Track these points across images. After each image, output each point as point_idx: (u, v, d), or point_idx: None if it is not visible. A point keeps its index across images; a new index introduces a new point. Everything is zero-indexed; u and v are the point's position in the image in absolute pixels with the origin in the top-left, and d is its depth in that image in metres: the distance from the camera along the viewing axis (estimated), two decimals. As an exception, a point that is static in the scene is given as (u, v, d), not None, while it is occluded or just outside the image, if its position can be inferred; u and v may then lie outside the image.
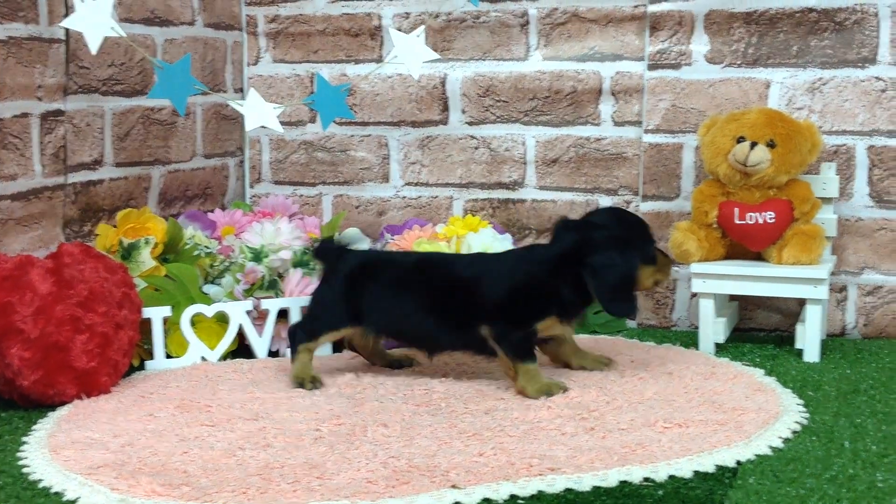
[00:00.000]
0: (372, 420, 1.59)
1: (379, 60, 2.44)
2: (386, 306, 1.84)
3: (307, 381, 1.80)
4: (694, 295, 2.06)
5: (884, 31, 2.12)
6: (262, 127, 2.06)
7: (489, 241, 2.27)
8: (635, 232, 1.82)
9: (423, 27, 2.15)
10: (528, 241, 2.41)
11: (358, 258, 1.92)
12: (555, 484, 1.33)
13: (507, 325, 1.75)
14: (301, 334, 1.86)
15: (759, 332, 2.23)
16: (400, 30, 2.39)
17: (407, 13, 2.43)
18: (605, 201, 2.35)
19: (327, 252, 1.93)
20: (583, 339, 1.98)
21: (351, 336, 1.94)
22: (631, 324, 2.35)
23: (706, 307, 2.05)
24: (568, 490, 1.32)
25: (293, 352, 1.85)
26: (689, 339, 2.12)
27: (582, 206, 2.36)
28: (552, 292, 1.77)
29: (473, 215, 2.40)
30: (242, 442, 1.49)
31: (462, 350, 1.85)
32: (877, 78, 2.13)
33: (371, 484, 1.33)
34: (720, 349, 2.05)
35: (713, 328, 2.04)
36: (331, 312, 1.87)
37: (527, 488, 1.32)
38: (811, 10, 2.15)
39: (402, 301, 1.83)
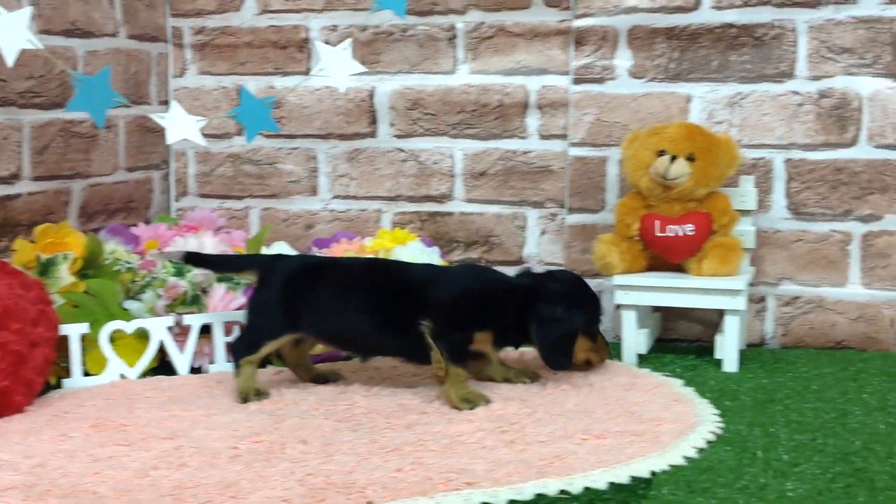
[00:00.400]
0: (292, 437, 1.58)
1: (307, 73, 2.43)
2: (325, 309, 1.83)
3: (251, 395, 1.79)
4: (618, 306, 2.09)
5: (801, 46, 2.17)
6: (185, 140, 2.03)
7: (417, 254, 2.27)
8: (587, 302, 1.89)
9: (349, 40, 2.15)
10: (457, 254, 2.42)
11: (294, 263, 1.91)
12: (471, 498, 1.34)
13: (449, 325, 1.77)
14: (241, 348, 1.85)
15: (682, 342, 2.26)
16: (328, 42, 2.39)
17: (335, 26, 2.43)
18: (533, 214, 2.37)
19: (259, 261, 1.96)
20: (509, 353, 1.99)
21: (283, 345, 1.91)
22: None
23: (628, 319, 2.07)
24: (483, 504, 1.33)
25: (235, 367, 1.84)
26: (613, 350, 2.14)
27: (509, 219, 2.38)
28: (498, 310, 1.80)
29: (402, 228, 2.40)
30: (157, 461, 1.47)
31: (398, 355, 1.86)
32: (794, 92, 2.18)
33: (286, 502, 1.32)
34: (643, 360, 2.07)
35: (635, 339, 2.06)
36: (269, 320, 1.85)
37: (443, 503, 1.32)
38: (731, 25, 2.20)
39: (343, 303, 1.83)
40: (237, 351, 1.85)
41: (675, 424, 1.62)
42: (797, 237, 2.20)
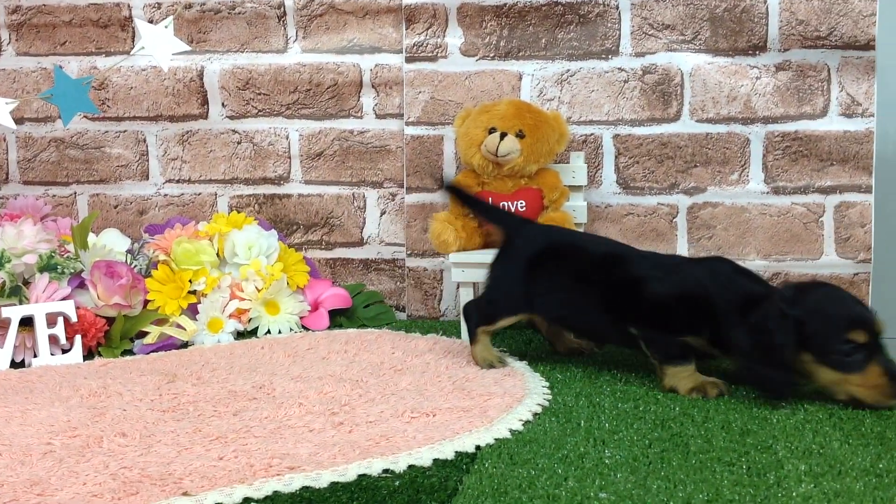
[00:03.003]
0: (111, 430, 1.52)
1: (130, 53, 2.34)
2: (559, 295, 1.78)
3: (496, 362, 1.83)
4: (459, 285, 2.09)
5: (625, 24, 2.22)
6: (-4, 124, 1.93)
7: (254, 237, 2.22)
8: (818, 317, 1.56)
9: (171, 18, 2.08)
10: (297, 236, 2.38)
11: (540, 239, 1.83)
12: (291, 483, 1.31)
13: (654, 328, 1.68)
14: (478, 318, 1.85)
15: (520, 317, 2.29)
16: (152, 21, 2.31)
17: (158, 3, 2.34)
18: (372, 194, 2.35)
19: (508, 222, 1.90)
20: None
21: (531, 318, 1.89)
22: (401, 315, 2.37)
23: (466, 296, 2.08)
24: (304, 488, 1.30)
25: (471, 334, 1.85)
26: (456, 328, 2.16)
27: (349, 200, 2.35)
28: (716, 314, 1.64)
29: (239, 212, 2.34)
30: (-40, 463, 1.39)
31: (626, 345, 1.78)
32: (619, 69, 2.23)
33: (96, 497, 1.26)
34: (480, 336, 2.08)
35: (473, 316, 2.07)
36: (510, 296, 1.82)
37: (262, 490, 1.29)
38: (557, 3, 2.23)
39: (575, 291, 1.77)
40: (472, 320, 1.85)
41: (503, 398, 1.64)
42: (627, 211, 2.25)
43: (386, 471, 1.36)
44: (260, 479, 1.31)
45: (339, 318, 2.25)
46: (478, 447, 1.44)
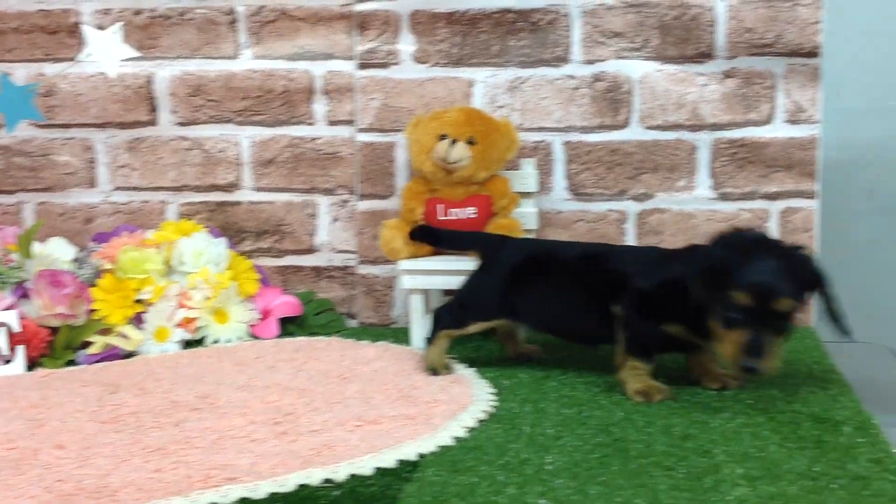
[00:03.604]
0: (49, 442, 1.50)
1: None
2: (543, 302, 1.80)
3: (441, 369, 1.82)
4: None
5: (575, 31, 2.23)
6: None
7: (203, 245, 2.20)
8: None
9: (119, 24, 2.06)
10: (247, 244, 2.36)
11: (521, 251, 1.85)
12: (230, 494, 1.30)
13: (634, 315, 1.69)
14: (447, 319, 1.84)
15: (472, 324, 2.29)
16: (101, 27, 2.28)
17: (107, 10, 2.32)
18: (324, 201, 2.34)
19: (486, 242, 1.91)
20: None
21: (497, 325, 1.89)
22: (352, 323, 2.36)
23: (416, 303, 2.08)
24: (243, 499, 1.29)
25: (433, 336, 1.84)
26: (407, 335, 2.15)
27: (300, 207, 2.34)
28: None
29: (188, 219, 2.32)
30: None
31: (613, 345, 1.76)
32: (570, 76, 2.23)
33: (28, 511, 1.25)
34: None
35: (424, 324, 2.07)
36: (485, 303, 1.83)
37: (199, 502, 1.28)
38: (508, 10, 2.23)
39: (560, 297, 1.79)
40: (441, 320, 1.83)
41: (449, 406, 1.63)
42: (578, 217, 2.26)
43: (327, 480, 1.35)
44: (197, 491, 1.30)
45: (289, 326, 2.23)
46: (421, 455, 1.43)
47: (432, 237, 2.02)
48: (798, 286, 1.55)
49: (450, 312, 1.87)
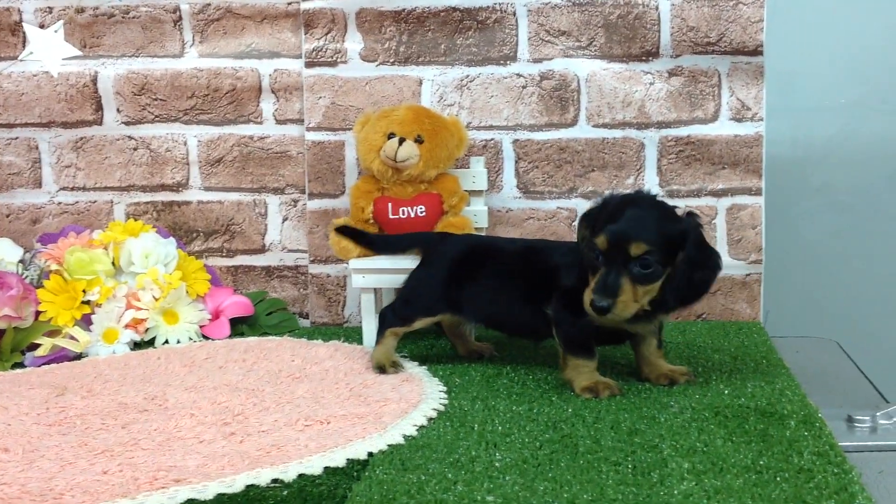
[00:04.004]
0: (-8, 446, 1.47)
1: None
2: (485, 294, 1.80)
3: (388, 366, 1.82)
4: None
5: (522, 30, 2.24)
6: None
7: (151, 245, 2.18)
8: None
9: (61, 22, 2.03)
10: (197, 244, 2.34)
11: (462, 244, 1.87)
12: (177, 496, 1.29)
13: (565, 312, 1.69)
14: (392, 318, 1.86)
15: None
16: (43, 26, 2.25)
17: (50, 7, 2.28)
18: (273, 200, 2.33)
19: (425, 239, 1.93)
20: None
21: (436, 322, 1.89)
22: (304, 322, 2.35)
23: (367, 302, 2.07)
24: (190, 501, 1.28)
25: (379, 334, 1.86)
26: (359, 334, 2.14)
27: (250, 207, 2.33)
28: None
29: (136, 219, 2.30)
30: None
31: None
32: (518, 75, 2.25)
33: (-30, 517, 1.23)
34: (381, 342, 2.08)
35: (376, 322, 2.06)
36: (428, 298, 1.83)
37: (147, 503, 1.27)
38: (455, 9, 2.24)
39: (501, 288, 1.79)
40: (386, 319, 1.86)
41: (399, 404, 1.64)
42: (528, 215, 2.27)
43: (275, 480, 1.35)
44: (144, 493, 1.29)
45: (240, 326, 2.22)
46: (370, 454, 1.44)
47: (367, 244, 2.02)
48: (660, 237, 1.59)
49: (394, 310, 1.88)
